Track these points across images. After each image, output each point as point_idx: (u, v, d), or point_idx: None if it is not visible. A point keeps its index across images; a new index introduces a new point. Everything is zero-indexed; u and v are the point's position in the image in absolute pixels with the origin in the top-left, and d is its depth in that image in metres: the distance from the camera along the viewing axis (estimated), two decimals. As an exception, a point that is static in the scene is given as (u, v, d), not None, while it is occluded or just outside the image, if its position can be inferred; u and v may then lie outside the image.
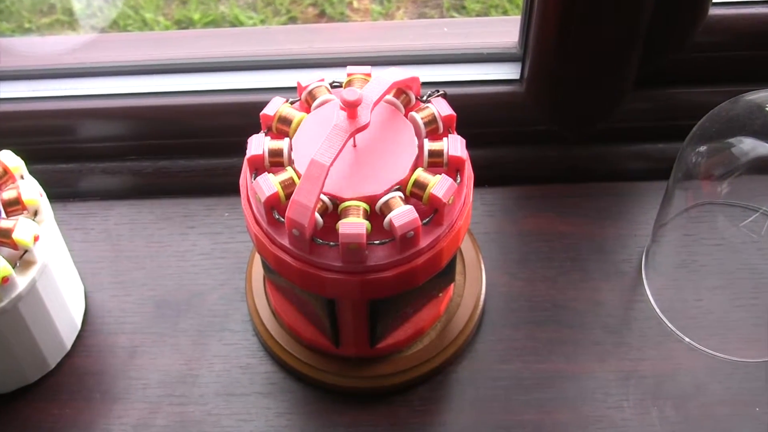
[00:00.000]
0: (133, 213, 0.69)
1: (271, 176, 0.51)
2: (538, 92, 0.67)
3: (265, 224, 0.52)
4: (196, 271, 0.65)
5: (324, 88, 0.55)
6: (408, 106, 0.55)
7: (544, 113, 0.68)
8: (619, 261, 0.65)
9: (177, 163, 0.70)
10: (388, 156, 0.52)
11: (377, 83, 0.51)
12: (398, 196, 0.51)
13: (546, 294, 0.64)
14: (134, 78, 0.69)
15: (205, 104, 0.68)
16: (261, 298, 0.62)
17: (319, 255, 0.50)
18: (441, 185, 0.50)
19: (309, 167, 0.48)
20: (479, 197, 0.68)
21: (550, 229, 0.67)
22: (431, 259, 0.52)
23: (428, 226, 0.51)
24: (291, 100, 0.55)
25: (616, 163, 0.69)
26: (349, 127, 0.49)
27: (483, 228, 0.67)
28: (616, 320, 0.62)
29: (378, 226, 0.51)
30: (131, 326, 0.63)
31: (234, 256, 0.66)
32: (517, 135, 0.69)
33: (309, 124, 0.53)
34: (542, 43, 0.64)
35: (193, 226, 0.68)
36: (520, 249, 0.66)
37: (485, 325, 0.62)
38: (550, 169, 0.69)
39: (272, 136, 0.54)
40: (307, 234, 0.49)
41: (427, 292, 0.58)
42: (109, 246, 0.67)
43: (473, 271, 0.63)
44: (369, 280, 0.51)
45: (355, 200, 0.50)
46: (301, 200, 0.48)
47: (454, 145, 0.52)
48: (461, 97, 0.67)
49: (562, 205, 0.68)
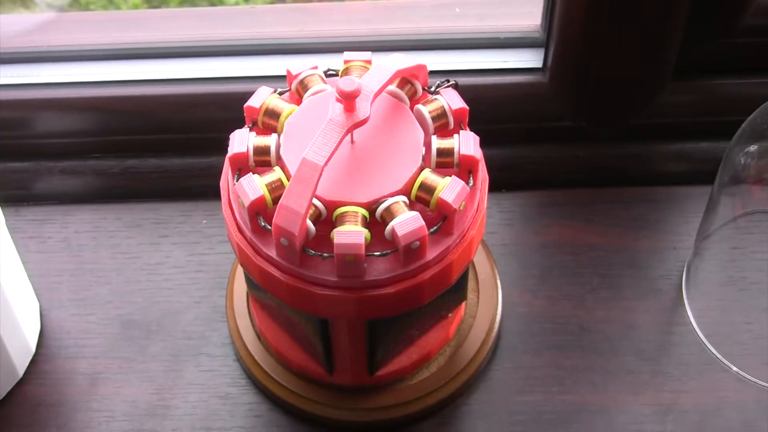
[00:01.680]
0: (97, 219, 0.69)
1: (256, 177, 0.51)
2: (563, 83, 0.68)
3: (249, 233, 0.52)
4: (169, 286, 0.66)
5: (317, 76, 0.56)
6: (414, 98, 0.56)
7: (570, 107, 0.69)
8: (656, 277, 0.66)
9: (147, 162, 0.70)
10: (390, 155, 0.52)
11: (378, 72, 0.52)
12: (402, 201, 0.51)
13: (571, 315, 0.64)
14: (98, 64, 0.70)
15: (181, 95, 0.69)
16: (244, 318, 0.63)
17: (310, 268, 0.51)
18: (451, 189, 0.51)
19: (300, 167, 0.49)
20: (495, 203, 0.69)
21: (576, 241, 0.67)
22: (439, 273, 0.52)
23: (436, 235, 0.52)
24: (279, 91, 0.56)
25: (652, 164, 0.70)
26: (345, 121, 0.50)
27: (499, 239, 0.68)
28: (652, 346, 0.63)
29: (378, 235, 0.51)
30: (93, 350, 0.64)
31: (213, 270, 0.66)
32: (539, 132, 0.70)
33: (300, 118, 0.54)
34: (569, 25, 0.65)
35: (167, 234, 0.68)
36: (542, 263, 0.67)
37: (501, 351, 0.63)
38: (577, 171, 0.70)
39: (258, 131, 0.55)
40: (297, 244, 0.50)
41: (434, 312, 0.59)
42: (69, 257, 0.68)
43: (488, 288, 0.64)
44: (368, 297, 0.51)
45: (353, 205, 0.51)
46: (290, 205, 0.49)
47: (467, 143, 0.53)
48: (475, 87, 0.67)
49: (591, 213, 0.69)
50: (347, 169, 0.52)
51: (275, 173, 0.52)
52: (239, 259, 0.54)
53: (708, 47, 0.67)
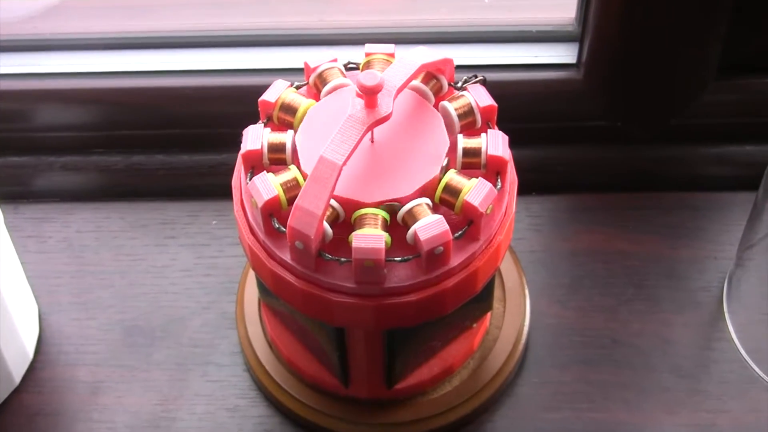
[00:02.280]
0: (100, 218, 0.70)
1: (270, 176, 0.52)
2: (598, 79, 0.68)
3: (262, 235, 0.53)
4: (175, 290, 0.67)
5: (337, 70, 0.56)
6: (439, 94, 0.56)
7: (605, 105, 0.69)
8: (695, 289, 0.66)
9: (154, 159, 0.71)
10: (413, 154, 0.53)
11: (402, 66, 0.52)
12: (425, 204, 0.51)
13: (604, 327, 0.64)
14: (103, 53, 0.71)
15: (191, 87, 0.69)
16: (255, 325, 0.63)
17: (326, 273, 0.51)
18: (477, 191, 0.51)
19: (317, 166, 0.49)
20: (524, 207, 0.69)
21: (610, 248, 0.68)
22: (464, 281, 0.52)
23: (461, 240, 0.52)
24: (296, 84, 0.56)
25: (693, 168, 0.70)
26: (366, 118, 0.50)
27: (528, 245, 0.68)
28: (690, 362, 0.63)
29: (399, 239, 0.51)
30: (95, 357, 0.64)
31: (222, 274, 0.67)
32: (572, 132, 0.70)
33: (318, 114, 0.54)
34: (605, 18, 0.65)
35: (173, 235, 0.69)
36: (573, 272, 0.67)
37: (528, 364, 0.63)
38: (612, 174, 0.70)
39: (273, 127, 0.55)
40: (312, 247, 0.50)
41: (457, 323, 0.59)
42: (70, 258, 0.68)
43: (515, 297, 0.64)
44: (387, 305, 0.52)
45: (372, 207, 0.51)
46: (306, 206, 0.49)
47: (495, 143, 0.53)
48: (504, 84, 0.68)
49: (626, 219, 0.69)
50: (367, 168, 0.52)
51: (291, 172, 0.52)
52: (251, 262, 0.55)
53: (754, 43, 0.67)
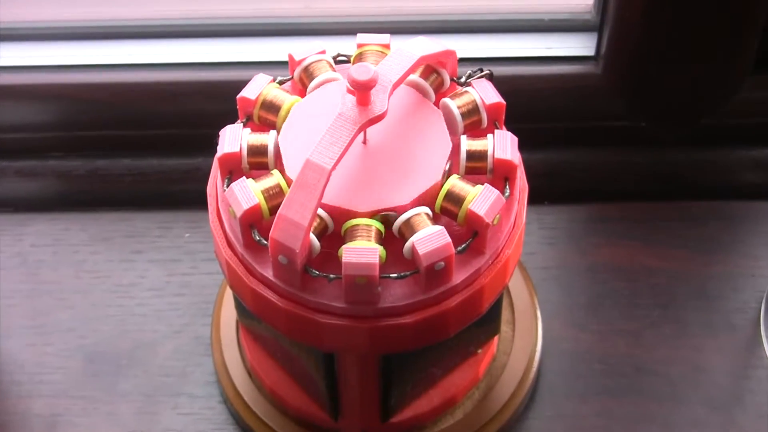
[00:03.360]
0: (59, 231, 0.70)
1: (250, 182, 0.52)
2: (620, 74, 0.69)
3: (241, 248, 0.53)
4: (143, 312, 0.67)
5: (325, 63, 0.56)
6: (440, 90, 0.56)
7: (627, 103, 0.69)
8: (730, 311, 0.66)
9: (119, 163, 0.71)
10: (410, 158, 0.53)
11: (398, 58, 0.53)
12: (424, 214, 0.52)
13: (626, 353, 0.65)
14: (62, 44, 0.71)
15: (161, 82, 0.69)
16: (232, 350, 0.64)
17: (314, 292, 0.51)
18: (483, 199, 0.51)
19: (303, 171, 0.49)
20: (536, 218, 0.70)
21: (633, 264, 0.68)
22: (468, 301, 0.53)
23: (465, 255, 0.52)
24: (280, 79, 0.57)
25: (726, 173, 0.71)
26: (358, 117, 0.50)
27: (540, 260, 0.68)
28: (723, 393, 0.63)
29: (395, 253, 0.52)
30: (52, 387, 0.64)
31: (196, 293, 0.67)
32: (590, 132, 0.70)
33: (304, 113, 0.54)
34: (627, 5, 0.65)
35: (141, 250, 0.69)
36: (591, 290, 0.67)
37: (541, 395, 0.64)
38: (635, 180, 0.71)
39: (253, 127, 0.55)
40: (298, 262, 0.50)
41: (461, 348, 0.59)
42: (24, 275, 0.68)
43: (525, 319, 0.65)
44: (382, 327, 0.52)
45: (365, 217, 0.51)
46: (291, 216, 0.49)
47: (503, 145, 0.53)
48: (514, 79, 0.68)
49: (651, 231, 0.69)
50: (359, 173, 0.52)
51: (273, 178, 0.52)
52: (228, 280, 0.55)
53: (795, 34, 0.67)
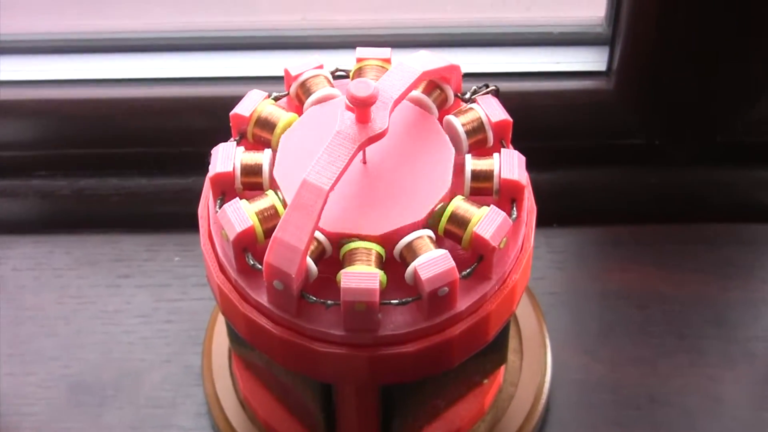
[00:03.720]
0: (42, 254, 0.70)
1: (244, 204, 0.52)
2: (632, 89, 0.68)
3: (234, 273, 0.53)
4: (130, 340, 0.67)
5: (323, 78, 0.56)
6: (443, 107, 0.56)
7: (640, 120, 0.69)
8: (749, 339, 0.66)
9: (107, 183, 0.71)
10: (412, 178, 0.53)
11: (400, 73, 0.53)
12: (427, 237, 0.52)
13: (640, 384, 0.64)
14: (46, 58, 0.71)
15: (150, 98, 0.69)
16: (224, 380, 0.64)
17: (311, 319, 0.51)
18: (489, 222, 0.51)
19: (299, 192, 0.49)
20: (544, 241, 0.70)
21: (646, 290, 0.68)
22: (473, 328, 0.53)
23: (469, 280, 0.52)
24: (275, 95, 0.57)
25: (744, 193, 0.70)
26: (358, 135, 0.50)
27: (549, 286, 0.68)
28: (742, 426, 0.63)
29: (397, 278, 0.52)
30: (34, 419, 0.64)
31: (187, 320, 0.67)
32: (601, 151, 0.70)
33: (300, 130, 0.54)
34: (640, 17, 0.65)
35: (128, 274, 0.69)
36: (603, 317, 0.67)
37: (550, 427, 0.63)
38: (648, 201, 0.71)
39: (247, 145, 0.55)
40: (294, 288, 0.50)
41: (466, 378, 0.59)
42: (5, 301, 0.68)
43: (534, 347, 0.64)
44: (382, 356, 0.52)
45: (365, 240, 0.51)
46: (286, 239, 0.49)
47: (509, 164, 0.53)
48: (521, 95, 0.68)
49: (665, 255, 0.69)
50: (359, 194, 0.52)
51: (268, 199, 0.52)
52: (221, 306, 0.55)
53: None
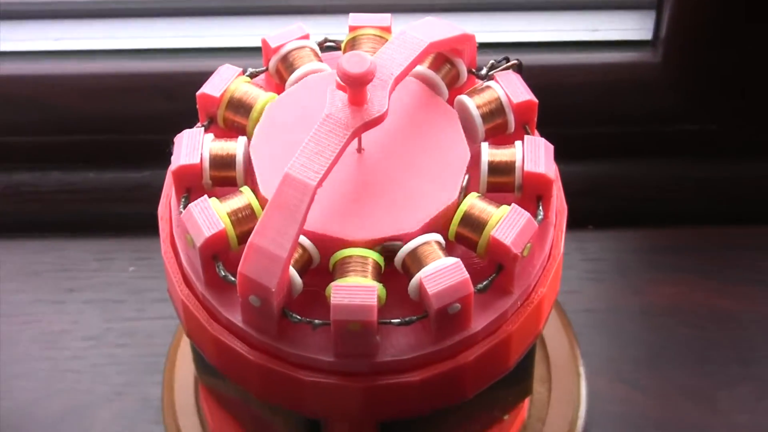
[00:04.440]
0: (-31, 263, 0.70)
1: (214, 202, 0.52)
2: (683, 63, 0.69)
3: (202, 286, 0.53)
4: (77, 367, 0.67)
5: (308, 50, 0.56)
6: (455, 85, 0.56)
7: (692, 101, 0.69)
8: (828, 365, 0.66)
9: (48, 178, 0.71)
10: (418, 171, 0.53)
11: (402, 45, 0.52)
12: (435, 242, 0.51)
13: (693, 421, 0.64)
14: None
15: (99, 75, 0.70)
16: (190, 416, 0.63)
17: (294, 342, 0.51)
18: (509, 224, 0.51)
19: (281, 188, 0.49)
20: (577, 247, 0.70)
21: (700, 305, 0.68)
22: (491, 353, 0.52)
23: (486, 294, 0.52)
24: (251, 72, 0.57)
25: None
26: (351, 119, 0.50)
27: (583, 301, 0.68)
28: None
29: (398, 292, 0.51)
30: (-40, 462, 0.64)
31: (144, 343, 0.67)
32: (645, 139, 0.70)
33: (281, 114, 0.54)
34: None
35: (75, 288, 0.69)
36: (647, 339, 0.67)
37: (584, 473, 0.64)
38: (701, 198, 0.71)
39: (217, 132, 0.55)
40: (274, 304, 0.50)
41: (482, 413, 0.59)
42: (-75, 320, 0.68)
43: (564, 376, 0.64)
44: (381, 388, 0.52)
45: (360, 247, 0.51)
46: (265, 245, 0.49)
47: (534, 155, 0.53)
48: (549, 70, 0.68)
49: (723, 263, 0.69)
50: (353, 191, 0.52)
51: (243, 196, 0.52)
52: (185, 327, 0.55)
53: None
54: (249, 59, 0.58)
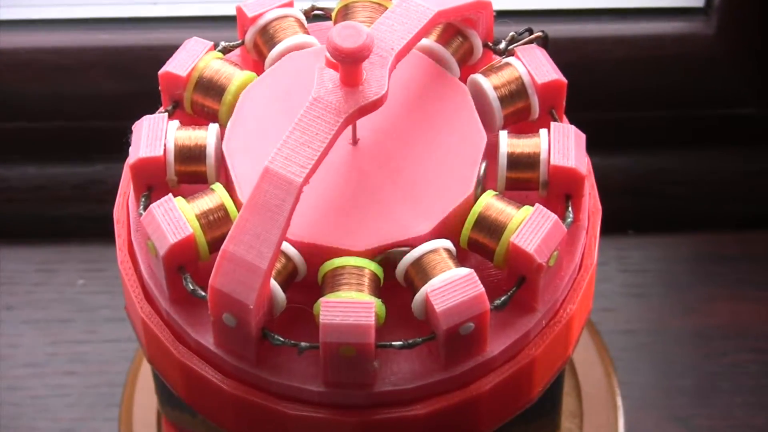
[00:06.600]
0: None
1: (180, 203, 0.52)
2: (742, 34, 0.70)
3: (166, 303, 0.53)
4: (15, 399, 0.67)
5: (292, 20, 0.57)
6: (468, 62, 0.57)
7: (753, 81, 0.70)
8: None
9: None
10: (423, 164, 0.54)
11: (404, 13, 0.53)
12: (443, 249, 0.52)
13: (761, 466, 0.66)
14: None
15: (43, 50, 0.70)
16: (151, 458, 0.65)
17: (277, 369, 0.52)
18: (533, 228, 0.52)
19: (260, 185, 0.50)
20: (615, 255, 0.70)
21: (766, 327, 0.69)
22: (510, 382, 0.53)
23: (505, 312, 0.53)
24: (223, 46, 0.57)
25: None
26: (344, 103, 0.51)
27: (622, 320, 0.69)
28: None
29: (400, 309, 0.52)
30: None
31: (96, 371, 0.68)
32: (697, 126, 0.71)
33: (260, 97, 0.55)
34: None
35: (12, 305, 0.70)
36: (701, 367, 0.68)
37: None
38: (765, 197, 0.72)
39: (184, 119, 0.56)
40: (253, 324, 0.50)
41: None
42: None
43: (599, 410, 0.65)
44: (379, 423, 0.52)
45: (354, 255, 0.52)
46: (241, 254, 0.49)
47: (563, 145, 0.54)
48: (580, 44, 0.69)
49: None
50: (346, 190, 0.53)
51: (215, 195, 0.53)
52: (146, 351, 0.56)
53: None
54: (221, 31, 0.59)
